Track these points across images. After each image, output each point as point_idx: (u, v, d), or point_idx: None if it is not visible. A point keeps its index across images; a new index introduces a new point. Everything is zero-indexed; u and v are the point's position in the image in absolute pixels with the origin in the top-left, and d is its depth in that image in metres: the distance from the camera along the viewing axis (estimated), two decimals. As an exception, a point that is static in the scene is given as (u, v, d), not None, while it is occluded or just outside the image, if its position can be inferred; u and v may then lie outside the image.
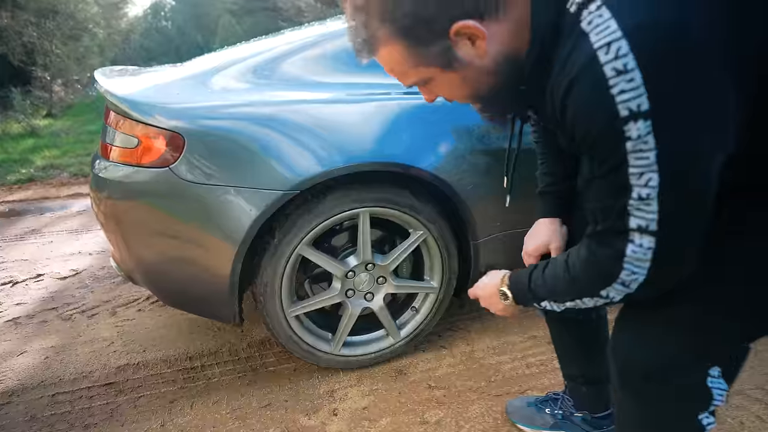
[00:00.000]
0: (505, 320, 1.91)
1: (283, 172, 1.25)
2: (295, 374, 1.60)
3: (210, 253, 1.30)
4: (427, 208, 1.46)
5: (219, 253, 1.29)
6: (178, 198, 1.26)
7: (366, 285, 1.53)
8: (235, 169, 1.25)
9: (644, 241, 0.57)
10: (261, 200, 1.24)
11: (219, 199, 1.25)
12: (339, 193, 1.35)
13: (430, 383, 1.56)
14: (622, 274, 0.61)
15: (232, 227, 1.26)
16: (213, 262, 1.31)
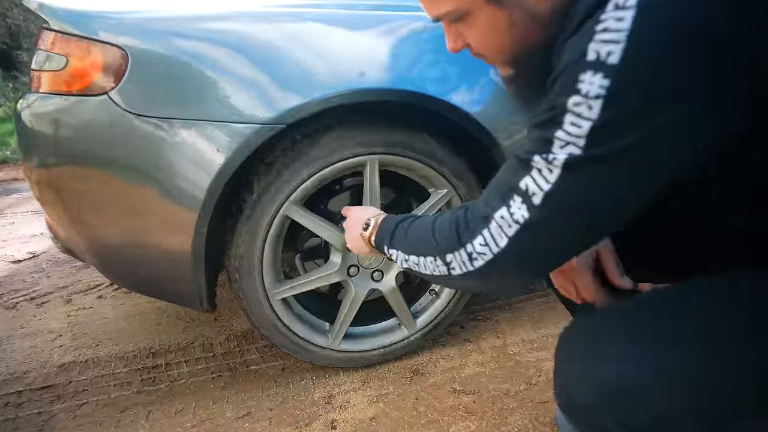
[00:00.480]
0: (543, 310, 1.57)
1: (263, 99, 0.91)
2: (283, 375, 1.27)
3: (164, 216, 0.96)
4: (453, 159, 1.13)
5: (175, 215, 0.95)
6: (118, 138, 0.92)
7: (374, 260, 1.19)
8: (197, 96, 0.91)
9: (519, 211, 0.51)
10: (231, 138, 0.91)
11: (173, 139, 0.91)
12: (339, 133, 1.01)
13: (454, 386, 1.22)
14: (476, 240, 0.55)
15: (193, 179, 0.92)
16: (168, 229, 0.97)
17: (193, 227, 0.95)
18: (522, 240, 0.52)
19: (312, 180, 1.01)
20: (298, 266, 1.24)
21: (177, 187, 0.93)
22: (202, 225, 0.95)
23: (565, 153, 0.47)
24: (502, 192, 0.53)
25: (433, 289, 1.30)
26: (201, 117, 0.90)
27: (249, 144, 0.91)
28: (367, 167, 1.05)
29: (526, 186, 0.50)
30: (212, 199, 0.93)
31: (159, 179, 0.92)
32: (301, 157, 0.99)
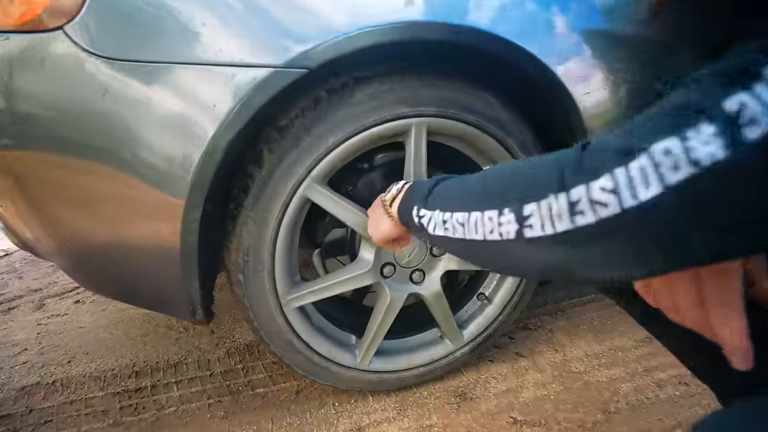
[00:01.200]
0: (603, 316, 1.32)
1: (278, 33, 0.66)
2: (297, 401, 1.02)
3: (142, 200, 0.70)
4: (520, 127, 0.87)
5: (157, 199, 0.69)
6: (77, 93, 0.66)
7: (414, 257, 0.93)
8: (185, 31, 0.65)
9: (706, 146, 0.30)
10: (233, 88, 0.65)
11: (153, 91, 0.65)
12: (377, 88, 0.75)
13: (513, 415, 0.97)
14: (596, 182, 0.34)
15: (179, 148, 0.67)
16: (149, 219, 0.72)
17: (180, 215, 0.70)
18: (690, 192, 0.31)
19: (339, 150, 0.76)
20: (317, 265, 0.98)
21: (158, 160, 0.67)
22: (193, 211, 0.70)
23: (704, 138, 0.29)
24: (674, 116, 0.33)
25: (483, 293, 1.05)
26: (191, 59, 0.65)
27: (258, 97, 0.66)
28: (412, 134, 0.79)
29: (740, 106, 0.29)
30: (206, 176, 0.68)
31: (133, 150, 0.67)
32: (326, 119, 0.74)
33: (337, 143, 0.75)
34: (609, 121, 0.89)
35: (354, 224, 0.83)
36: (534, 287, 1.05)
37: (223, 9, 0.64)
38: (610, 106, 0.86)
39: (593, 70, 0.83)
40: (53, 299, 1.45)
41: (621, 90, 0.86)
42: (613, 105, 0.87)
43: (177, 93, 0.65)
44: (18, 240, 0.96)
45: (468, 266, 0.96)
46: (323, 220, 0.92)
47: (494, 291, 1.04)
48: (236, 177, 0.78)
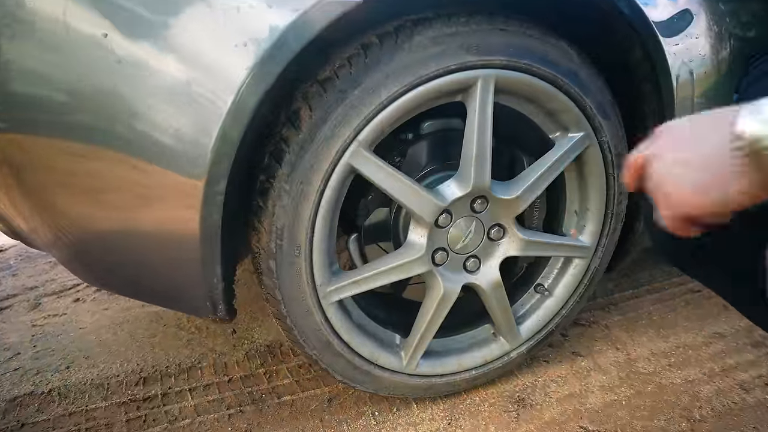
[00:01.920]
0: (661, 309, 1.19)
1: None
2: (330, 410, 0.88)
3: (153, 179, 0.56)
4: (599, 85, 0.74)
5: (169, 180, 0.55)
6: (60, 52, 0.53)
7: (470, 242, 0.80)
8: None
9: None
10: (266, 26, 0.51)
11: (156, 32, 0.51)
12: (439, 31, 0.62)
13: (583, 425, 0.84)
14: None
15: (195, 108, 0.53)
16: (162, 202, 0.58)
17: (200, 196, 0.56)
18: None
19: (393, 108, 0.63)
20: (353, 253, 0.85)
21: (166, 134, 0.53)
22: (216, 190, 0.56)
23: None
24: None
25: (541, 284, 0.91)
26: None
27: (298, 36, 0.52)
28: (477, 91, 0.66)
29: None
30: (230, 146, 0.54)
31: (136, 114, 0.53)
32: (377, 68, 0.60)
33: (390, 99, 0.61)
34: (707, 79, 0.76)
35: (408, 202, 0.69)
36: (600, 278, 0.92)
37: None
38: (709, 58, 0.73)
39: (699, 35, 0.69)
40: (50, 298, 1.31)
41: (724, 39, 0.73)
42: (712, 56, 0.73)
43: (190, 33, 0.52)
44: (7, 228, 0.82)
45: (529, 252, 0.83)
46: (363, 198, 0.78)
47: (555, 282, 0.90)
48: (267, 142, 0.65)
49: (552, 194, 0.88)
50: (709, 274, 0.57)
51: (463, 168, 0.71)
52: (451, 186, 0.73)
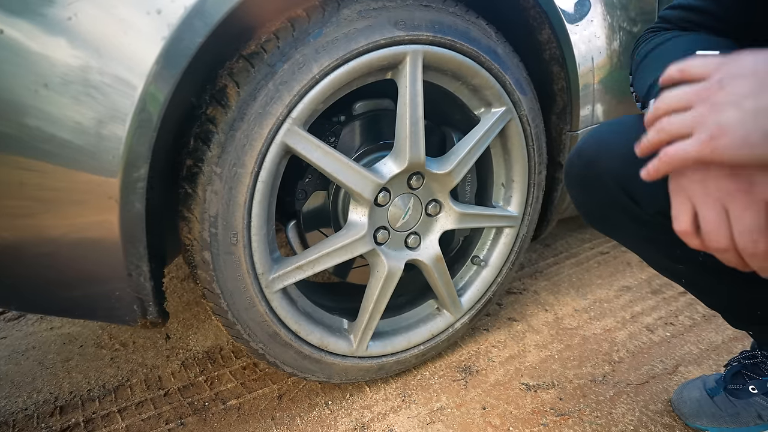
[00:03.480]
0: (578, 273, 1.31)
1: None
2: (281, 407, 0.85)
3: (52, 184, 0.49)
4: (513, 59, 0.79)
5: (77, 181, 0.49)
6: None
7: (409, 218, 0.81)
8: None
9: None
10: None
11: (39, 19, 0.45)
12: (368, 4, 0.62)
13: (525, 381, 0.90)
14: None
15: (99, 102, 0.47)
16: (73, 206, 0.51)
17: (116, 194, 0.50)
18: None
19: (325, 84, 0.61)
20: (292, 241, 0.82)
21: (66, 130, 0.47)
22: (134, 171, 0.51)
23: None
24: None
25: (477, 255, 0.96)
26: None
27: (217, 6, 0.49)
28: (407, 67, 0.67)
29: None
30: (146, 136, 0.50)
31: (24, 108, 0.46)
32: (307, 42, 0.59)
33: (323, 73, 0.60)
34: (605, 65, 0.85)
35: (348, 181, 0.69)
36: (527, 245, 0.99)
37: None
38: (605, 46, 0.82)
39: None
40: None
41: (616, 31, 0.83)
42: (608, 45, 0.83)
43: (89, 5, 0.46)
44: None
45: (464, 224, 0.87)
46: (301, 180, 0.76)
47: (489, 252, 0.96)
48: (191, 124, 0.60)
49: (481, 169, 0.93)
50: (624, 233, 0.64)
51: (398, 144, 0.72)
52: (388, 163, 0.74)
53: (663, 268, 0.67)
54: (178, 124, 0.60)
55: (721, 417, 0.74)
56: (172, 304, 1.17)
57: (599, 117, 0.92)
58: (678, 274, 0.66)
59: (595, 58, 0.86)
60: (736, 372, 0.76)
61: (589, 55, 0.84)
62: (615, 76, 0.90)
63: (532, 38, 0.83)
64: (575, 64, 0.83)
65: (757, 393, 0.72)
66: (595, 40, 0.84)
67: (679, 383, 0.85)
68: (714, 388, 0.77)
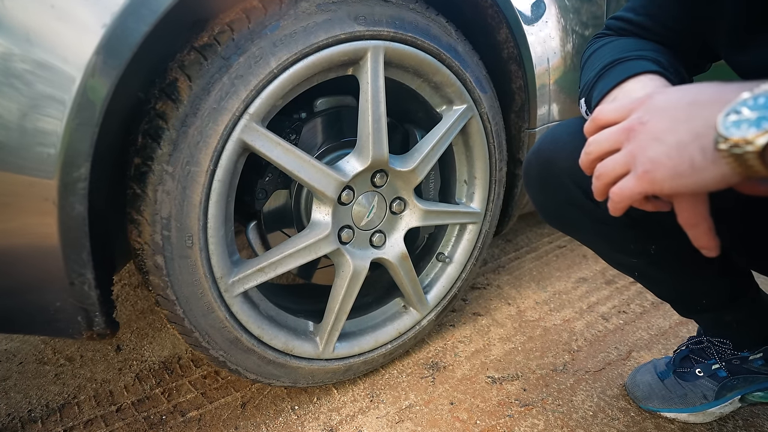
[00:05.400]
0: (538, 266, 1.35)
1: None
2: (245, 415, 0.82)
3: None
4: (473, 58, 0.80)
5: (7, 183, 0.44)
6: None
7: (374, 216, 0.81)
8: None
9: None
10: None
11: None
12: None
13: (491, 374, 0.92)
14: None
15: (43, 75, 0.43)
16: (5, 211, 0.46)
17: (54, 197, 0.46)
18: None
19: (283, 79, 0.59)
20: (253, 242, 0.79)
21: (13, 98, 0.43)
22: (73, 171, 0.47)
23: None
24: None
25: (441, 252, 0.97)
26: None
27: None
28: (368, 63, 0.66)
29: None
30: (91, 121, 0.46)
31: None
32: (263, 35, 0.56)
33: (281, 67, 0.58)
34: (559, 70, 0.88)
35: (310, 178, 0.67)
36: (490, 241, 1.01)
37: None
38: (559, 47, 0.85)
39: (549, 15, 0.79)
40: None
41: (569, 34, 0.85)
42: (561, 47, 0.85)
43: None
44: None
45: (429, 221, 0.87)
46: (260, 179, 0.73)
47: (453, 249, 0.97)
48: (139, 119, 0.56)
49: (444, 167, 0.93)
50: (581, 231, 0.66)
51: (361, 141, 0.71)
52: (351, 161, 0.72)
53: (617, 262, 0.70)
54: (124, 120, 0.56)
55: (671, 398, 0.78)
56: (124, 313, 1.10)
57: (555, 116, 0.95)
58: (631, 268, 0.69)
59: (551, 59, 0.88)
60: (685, 356, 0.80)
61: (545, 56, 0.86)
62: (569, 77, 0.93)
63: (491, 37, 0.84)
64: (532, 64, 0.85)
65: (702, 375, 0.77)
66: (550, 41, 0.86)
67: (633, 368, 0.90)
68: (664, 372, 0.81)
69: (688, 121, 0.34)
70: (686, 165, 0.34)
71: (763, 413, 0.80)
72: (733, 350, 0.74)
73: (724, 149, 0.32)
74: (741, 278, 0.69)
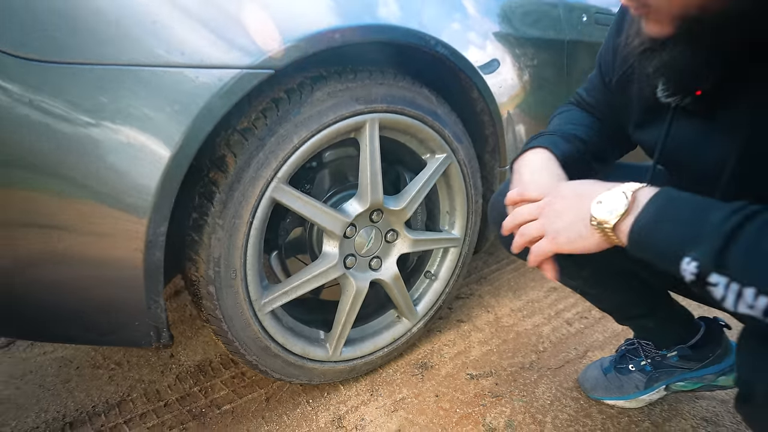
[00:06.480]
0: (515, 277, 1.55)
1: (242, 34, 0.65)
2: (269, 407, 1.00)
3: (94, 225, 0.63)
4: (452, 118, 0.99)
5: (112, 221, 0.63)
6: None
7: (372, 246, 1.00)
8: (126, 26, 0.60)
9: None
10: (196, 92, 0.63)
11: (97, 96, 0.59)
12: (334, 87, 0.79)
13: (469, 372, 1.11)
14: None
15: (139, 158, 0.62)
16: (103, 244, 0.64)
17: (143, 235, 0.65)
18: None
19: (303, 149, 0.78)
20: (275, 267, 0.98)
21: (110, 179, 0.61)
22: (158, 227, 0.65)
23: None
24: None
25: (429, 270, 1.16)
26: (138, 61, 0.61)
27: (224, 101, 0.65)
28: (366, 130, 0.85)
29: None
30: (171, 189, 0.64)
31: (77, 166, 0.60)
32: (289, 119, 0.75)
33: (301, 142, 0.77)
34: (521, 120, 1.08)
35: (322, 221, 0.86)
36: (469, 260, 1.20)
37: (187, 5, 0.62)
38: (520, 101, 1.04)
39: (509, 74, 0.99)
40: None
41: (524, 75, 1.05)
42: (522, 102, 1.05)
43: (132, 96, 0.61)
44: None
45: (417, 248, 1.06)
46: (283, 221, 0.92)
47: (438, 268, 1.16)
48: (196, 184, 0.75)
49: (429, 200, 1.12)
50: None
51: (361, 189, 0.90)
52: (353, 204, 0.92)
53: (563, 283, 0.89)
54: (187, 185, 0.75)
55: (611, 389, 0.98)
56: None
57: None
58: (575, 287, 0.89)
59: (512, 112, 1.07)
60: (622, 355, 1.00)
61: (506, 110, 1.05)
62: (530, 126, 1.13)
63: (467, 96, 1.03)
64: (499, 116, 1.04)
65: (634, 370, 0.96)
66: (514, 99, 1.06)
67: (587, 365, 1.09)
68: (607, 368, 1.01)
69: (576, 206, 0.54)
70: (576, 235, 0.53)
71: (684, 399, 1.00)
72: (656, 349, 0.94)
73: (595, 225, 0.51)
74: (658, 294, 0.88)
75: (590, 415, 0.97)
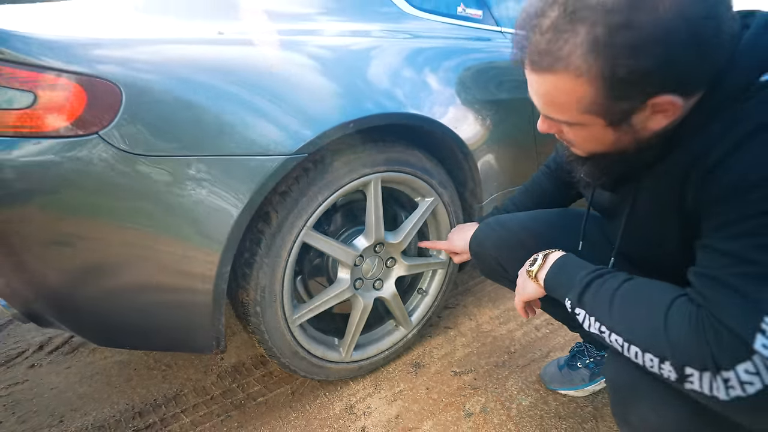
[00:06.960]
0: (495, 289, 1.82)
1: (287, 129, 0.91)
2: (295, 399, 1.27)
3: (179, 263, 0.89)
4: (439, 171, 1.26)
5: (194, 260, 0.89)
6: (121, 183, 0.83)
7: (375, 271, 1.26)
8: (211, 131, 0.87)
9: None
10: (255, 172, 0.89)
11: (191, 175, 0.86)
12: (349, 157, 1.06)
13: (454, 369, 1.38)
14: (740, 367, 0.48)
15: (214, 218, 0.88)
16: (185, 277, 0.90)
17: (215, 270, 0.91)
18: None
19: (325, 204, 1.05)
20: (299, 289, 1.25)
21: (196, 229, 0.88)
22: (225, 266, 0.92)
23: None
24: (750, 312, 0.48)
25: (421, 287, 1.43)
26: (220, 152, 0.87)
27: (273, 177, 0.91)
28: (371, 185, 1.12)
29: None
30: (235, 239, 0.91)
31: (173, 224, 0.86)
32: (316, 183, 1.02)
33: (324, 199, 1.04)
34: (492, 165, 1.34)
35: (341, 256, 1.13)
36: (455, 277, 1.47)
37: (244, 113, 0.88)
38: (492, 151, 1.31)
39: (481, 131, 1.26)
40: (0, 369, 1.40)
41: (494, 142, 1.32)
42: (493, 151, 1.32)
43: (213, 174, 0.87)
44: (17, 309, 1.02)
45: (411, 271, 1.33)
46: (307, 254, 1.19)
47: (428, 285, 1.43)
48: (246, 233, 1.01)
49: (421, 231, 1.39)
50: (502, 283, 1.13)
51: (368, 229, 1.17)
52: (361, 240, 1.18)
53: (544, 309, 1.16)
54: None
55: (564, 381, 1.25)
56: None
57: (495, 196, 1.41)
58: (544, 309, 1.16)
59: (490, 161, 1.34)
60: (573, 355, 1.27)
61: (484, 161, 1.32)
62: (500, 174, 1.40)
63: (452, 149, 1.30)
64: (476, 166, 1.31)
65: (581, 367, 1.23)
66: (488, 155, 1.32)
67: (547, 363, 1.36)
68: (562, 365, 1.28)
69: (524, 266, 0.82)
70: (522, 287, 0.82)
71: (620, 389, 1.28)
72: (597, 351, 1.21)
73: (531, 277, 0.79)
74: None
75: (547, 402, 1.24)
